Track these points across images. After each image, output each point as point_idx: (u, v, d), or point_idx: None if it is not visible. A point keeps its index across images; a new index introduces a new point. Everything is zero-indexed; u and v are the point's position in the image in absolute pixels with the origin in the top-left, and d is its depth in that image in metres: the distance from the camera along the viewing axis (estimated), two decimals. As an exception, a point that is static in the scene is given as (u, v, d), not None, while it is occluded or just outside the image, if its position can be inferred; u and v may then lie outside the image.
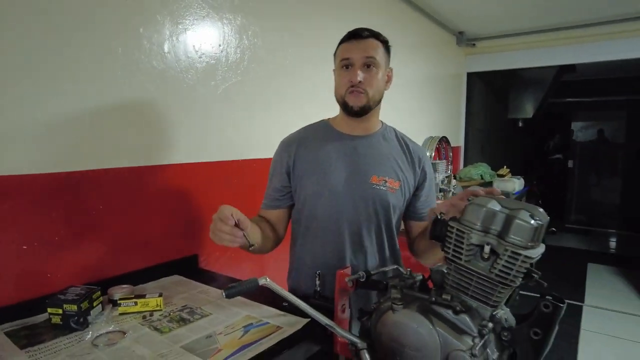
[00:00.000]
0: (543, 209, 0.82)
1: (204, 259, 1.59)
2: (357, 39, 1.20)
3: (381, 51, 1.21)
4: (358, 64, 1.19)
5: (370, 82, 1.20)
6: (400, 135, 1.35)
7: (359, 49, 1.19)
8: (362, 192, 1.23)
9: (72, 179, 1.20)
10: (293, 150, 1.29)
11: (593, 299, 3.88)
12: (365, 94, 1.20)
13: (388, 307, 0.86)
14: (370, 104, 1.22)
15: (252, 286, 0.85)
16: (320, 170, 1.25)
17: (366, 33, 1.21)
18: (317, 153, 1.27)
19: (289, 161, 1.29)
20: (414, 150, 1.32)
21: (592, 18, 3.65)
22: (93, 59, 1.22)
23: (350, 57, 1.19)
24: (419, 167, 1.31)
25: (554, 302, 0.78)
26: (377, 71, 1.20)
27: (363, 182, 1.23)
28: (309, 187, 1.26)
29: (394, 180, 1.25)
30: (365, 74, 1.19)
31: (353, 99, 1.21)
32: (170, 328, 1.04)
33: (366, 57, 1.19)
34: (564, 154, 7.55)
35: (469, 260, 0.82)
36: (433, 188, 1.37)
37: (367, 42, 1.20)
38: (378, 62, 1.20)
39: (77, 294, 1.06)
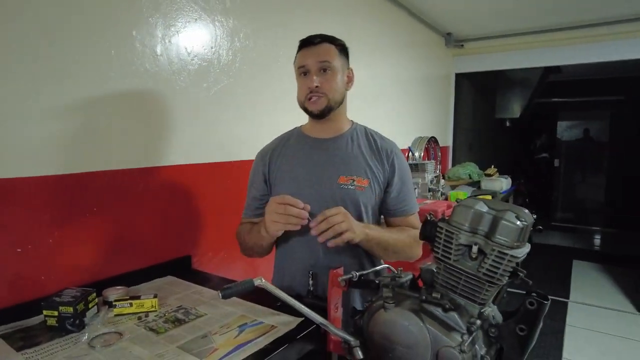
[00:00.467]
0: (529, 209, 0.86)
1: (196, 260, 1.60)
2: (310, 46, 1.24)
3: (336, 54, 1.24)
4: (314, 70, 1.23)
5: (327, 85, 1.23)
6: (370, 133, 1.36)
7: (312, 54, 1.23)
8: (331, 193, 1.25)
9: (66, 182, 1.21)
10: (267, 159, 1.34)
11: (578, 295, 3.97)
12: (325, 97, 1.24)
13: (380, 306, 0.88)
14: (330, 105, 1.25)
15: (247, 287, 0.87)
16: (292, 175, 1.29)
17: (318, 39, 1.24)
18: (288, 159, 1.32)
19: (264, 170, 1.34)
20: (382, 146, 1.32)
21: (576, 21, 3.74)
22: (86, 62, 1.23)
23: (305, 64, 1.23)
24: (387, 162, 1.30)
25: (538, 300, 0.81)
26: (333, 74, 1.23)
27: (331, 183, 1.26)
28: (282, 192, 1.28)
29: (362, 178, 1.26)
30: (322, 78, 1.22)
31: (312, 105, 1.25)
32: (166, 328, 1.05)
33: (320, 62, 1.22)
34: (550, 153, 7.67)
35: (457, 259, 0.85)
36: (408, 184, 1.35)
37: (321, 48, 1.23)
38: (333, 66, 1.23)
39: (72, 295, 1.07)
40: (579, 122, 7.47)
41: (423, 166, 2.78)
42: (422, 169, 2.78)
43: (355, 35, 2.60)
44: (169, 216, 1.52)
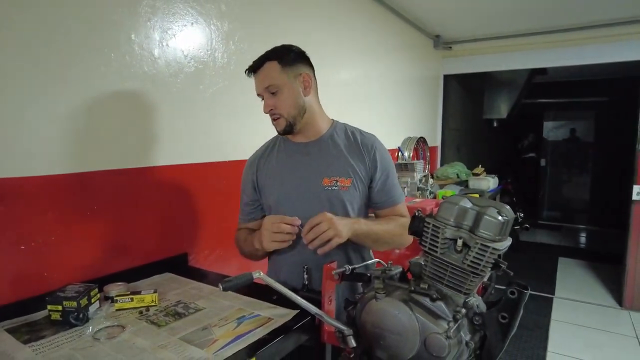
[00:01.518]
0: (516, 208, 0.93)
1: (193, 257, 1.65)
2: (254, 74, 1.30)
3: (277, 71, 1.25)
4: (265, 95, 1.28)
5: (280, 105, 1.27)
6: (350, 130, 1.39)
7: (258, 82, 1.29)
8: (317, 195, 1.30)
9: (68, 181, 1.25)
10: (255, 167, 1.41)
11: (563, 291, 4.08)
12: (281, 117, 1.29)
13: (372, 297, 0.94)
14: (290, 121, 1.29)
15: (247, 280, 0.92)
16: (278, 180, 1.35)
17: (258, 64, 1.28)
18: (274, 165, 1.38)
19: (252, 177, 1.41)
20: (362, 142, 1.35)
21: (562, 25, 3.83)
22: (86, 64, 1.27)
23: (257, 91, 1.30)
24: (368, 157, 1.33)
25: (518, 289, 0.88)
26: (281, 92, 1.26)
27: (315, 185, 1.31)
28: (270, 197, 1.37)
29: (345, 178, 1.30)
30: (273, 100, 1.27)
31: (276, 125, 1.32)
32: (167, 322, 1.10)
33: (265, 88, 1.26)
34: (537, 153, 7.81)
35: (443, 252, 0.91)
36: (391, 175, 1.38)
37: (262, 72, 1.27)
38: (278, 85, 1.25)
39: (75, 291, 1.11)
40: (565, 122, 7.62)
41: (412, 166, 2.85)
42: (412, 168, 2.85)
43: (345, 37, 2.66)
44: (167, 215, 1.56)
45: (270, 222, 1.22)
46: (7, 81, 1.10)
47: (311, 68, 1.34)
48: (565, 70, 5.48)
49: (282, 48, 1.30)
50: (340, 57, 2.56)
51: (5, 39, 1.09)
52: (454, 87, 5.09)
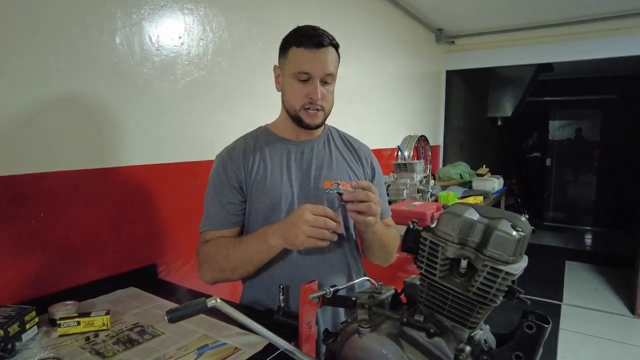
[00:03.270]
0: (521, 209, 0.75)
1: (163, 268, 1.47)
2: (318, 48, 1.08)
3: (337, 61, 1.14)
4: (317, 80, 1.09)
5: (327, 99, 1.14)
6: (345, 136, 1.31)
7: (320, 62, 1.08)
8: (317, 199, 1.15)
9: (7, 184, 1.07)
10: (240, 162, 1.16)
11: (571, 297, 3.89)
12: (322, 110, 1.14)
13: (354, 330, 0.76)
14: (326, 118, 1.18)
15: (199, 308, 0.74)
16: (272, 180, 1.16)
17: (327, 41, 1.09)
18: (264, 163, 1.17)
19: (238, 174, 1.16)
20: (359, 149, 1.29)
21: (569, 17, 3.66)
22: (32, 52, 1.10)
23: (310, 71, 1.08)
24: (367, 165, 1.28)
25: (537, 322, 0.70)
26: (332, 85, 1.14)
27: (315, 188, 1.17)
28: (261, 199, 1.15)
29: (347, 182, 1.20)
30: (324, 90, 1.11)
31: (310, 118, 1.13)
32: (114, 352, 0.93)
33: (327, 74, 1.10)
34: (542, 153, 7.63)
35: (444, 276, 0.73)
36: (383, 187, 1.36)
37: (327, 54, 1.09)
38: (334, 77, 1.13)
39: (5, 315, 0.94)
40: (571, 121, 7.44)
41: (412, 166, 2.67)
42: (411, 169, 2.67)
43: (341, 30, 2.47)
44: (132, 222, 1.38)
45: (309, 211, 0.96)
46: None
47: None
48: (572, 66, 5.30)
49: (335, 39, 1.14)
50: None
51: None
52: (456, 84, 4.91)
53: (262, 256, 1.07)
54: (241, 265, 1.09)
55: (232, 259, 1.08)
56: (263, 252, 1.06)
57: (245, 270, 1.11)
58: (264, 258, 1.08)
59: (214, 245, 1.13)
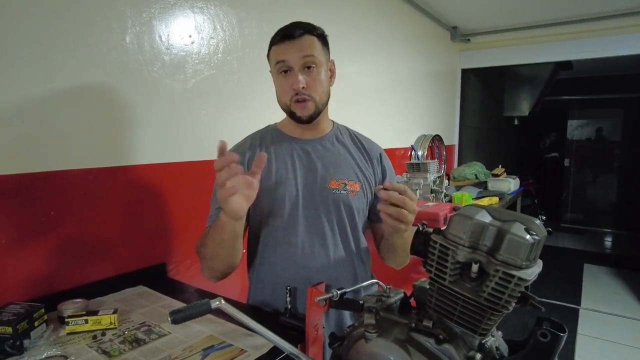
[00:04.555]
0: (538, 210, 0.72)
1: (172, 267, 1.47)
2: (290, 40, 1.06)
3: (319, 47, 1.10)
4: (297, 67, 1.07)
5: (314, 86, 1.08)
6: (355, 135, 1.27)
7: (294, 49, 1.06)
8: (322, 199, 1.13)
9: (19, 183, 1.08)
10: (245, 160, 1.16)
11: (590, 301, 3.79)
12: (312, 100, 1.09)
13: (361, 335, 0.74)
14: (319, 108, 1.12)
15: (203, 309, 0.73)
16: (276, 180, 1.15)
17: (299, 31, 1.07)
18: (269, 162, 1.16)
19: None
20: (370, 148, 1.24)
21: (589, 13, 3.55)
22: (42, 51, 1.10)
23: (286, 59, 1.06)
24: (378, 164, 1.23)
25: (553, 331, 0.67)
26: (318, 71, 1.09)
27: (321, 188, 1.14)
28: (265, 198, 1.14)
29: (354, 182, 1.16)
30: (307, 77, 1.07)
31: (300, 109, 1.10)
32: (120, 351, 0.92)
33: (304, 57, 1.06)
34: (560, 153, 7.47)
35: (454, 280, 0.70)
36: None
37: (301, 42, 1.06)
38: (318, 60, 1.08)
39: (14, 313, 0.94)
40: (591, 120, 7.26)
41: (425, 166, 2.62)
42: (424, 168, 2.62)
43: (354, 28, 2.45)
44: (141, 220, 1.38)
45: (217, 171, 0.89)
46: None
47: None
48: (592, 64, 5.16)
49: (316, 26, 1.12)
50: (348, 49, 2.35)
51: None
52: (472, 82, 4.83)
53: (223, 235, 0.99)
54: (214, 251, 1.04)
55: (208, 245, 1.05)
56: (220, 230, 0.99)
57: (221, 257, 1.05)
58: (225, 238, 1.00)
59: (201, 240, 1.12)
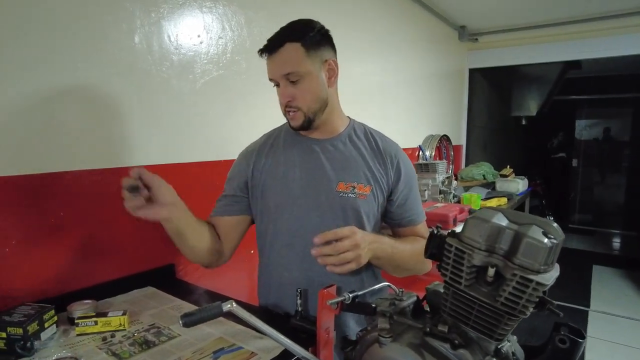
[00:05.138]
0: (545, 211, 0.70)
1: (181, 268, 1.47)
2: (270, 55, 1.05)
3: (300, 56, 1.03)
4: (282, 83, 1.06)
5: (300, 98, 1.06)
6: (371, 133, 1.21)
7: (275, 65, 1.05)
8: (329, 202, 1.11)
9: (28, 183, 1.08)
10: (252, 160, 1.18)
11: (599, 303, 3.75)
12: (300, 111, 1.07)
13: (374, 339, 0.73)
14: (309, 117, 1.08)
15: (214, 313, 0.72)
16: (282, 179, 1.14)
17: (277, 43, 1.04)
18: (277, 161, 1.16)
19: (246, 172, 1.18)
20: (384, 149, 1.17)
21: (598, 12, 3.51)
22: (50, 50, 1.09)
23: (270, 76, 1.07)
24: (391, 166, 1.16)
25: (572, 337, 0.65)
26: (304, 81, 1.05)
27: (329, 190, 1.11)
28: (271, 198, 1.14)
29: (364, 185, 1.12)
30: (293, 90, 1.05)
31: (290, 119, 1.10)
32: (130, 353, 0.92)
33: (284, 75, 1.04)
34: (567, 153, 7.40)
35: (469, 284, 0.69)
36: (414, 191, 1.21)
37: (281, 55, 1.03)
38: (301, 72, 1.04)
39: (25, 314, 0.94)
40: (599, 120, 7.18)
41: (434, 166, 2.60)
42: (433, 169, 2.60)
43: (361, 26, 2.44)
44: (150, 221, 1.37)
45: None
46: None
47: (335, 51, 1.12)
48: (601, 63, 5.10)
49: (304, 26, 1.06)
50: (356, 48, 2.33)
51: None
52: (480, 82, 4.79)
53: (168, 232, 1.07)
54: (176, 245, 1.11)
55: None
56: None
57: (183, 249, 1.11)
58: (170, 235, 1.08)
59: None
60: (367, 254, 1.00)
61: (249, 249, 1.70)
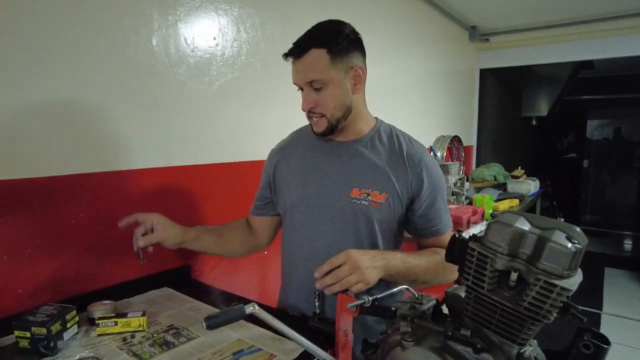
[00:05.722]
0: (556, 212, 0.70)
1: (197, 269, 1.48)
2: (294, 60, 1.04)
3: (325, 63, 1.01)
4: (306, 89, 1.05)
5: (323, 104, 1.05)
6: (397, 136, 1.16)
7: (298, 72, 1.04)
8: (341, 207, 1.09)
9: (47, 185, 1.09)
10: (275, 160, 1.22)
11: (611, 306, 3.71)
12: (323, 117, 1.06)
13: (396, 342, 0.73)
14: (332, 123, 1.07)
15: (237, 315, 0.73)
16: (299, 180, 1.15)
17: (302, 48, 1.02)
18: (297, 161, 1.18)
19: (270, 171, 1.23)
20: (408, 154, 1.11)
21: (609, 12, 3.47)
22: (70, 52, 1.11)
23: (294, 81, 1.07)
24: (413, 173, 1.10)
25: (596, 342, 0.65)
26: (327, 89, 1.03)
27: (342, 195, 1.09)
28: (288, 197, 1.17)
29: (379, 192, 1.08)
30: (316, 97, 1.04)
31: (314, 126, 1.10)
32: (151, 354, 0.93)
33: (308, 82, 1.03)
34: (578, 153, 7.33)
35: (492, 289, 0.69)
36: (439, 200, 1.13)
37: (306, 61, 1.02)
38: (324, 80, 1.02)
39: (48, 314, 0.96)
40: (612, 120, 7.10)
41: (446, 168, 2.59)
42: (445, 170, 2.59)
43: (373, 27, 2.44)
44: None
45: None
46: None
47: (364, 56, 1.10)
48: (613, 63, 5.04)
49: (332, 30, 1.03)
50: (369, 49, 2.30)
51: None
52: (490, 82, 4.77)
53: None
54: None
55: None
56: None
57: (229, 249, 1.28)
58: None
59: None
60: (373, 271, 0.96)
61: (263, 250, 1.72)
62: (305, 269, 1.14)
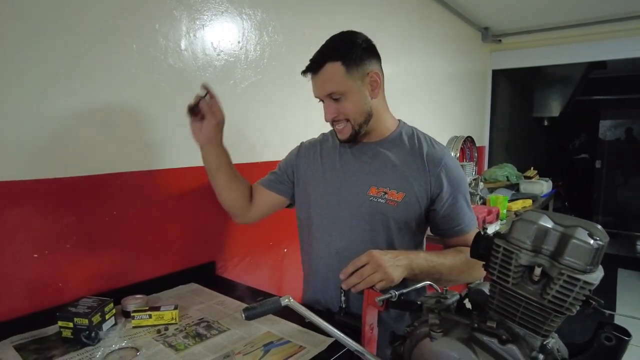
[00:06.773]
0: (568, 213, 0.73)
1: (221, 265, 1.53)
2: (313, 76, 1.11)
3: (340, 75, 1.06)
4: (326, 100, 1.12)
5: (344, 112, 1.10)
6: (418, 137, 1.18)
7: (317, 86, 1.11)
8: (358, 204, 1.13)
9: (84, 184, 1.15)
10: (302, 153, 1.30)
11: (625, 307, 3.70)
12: (347, 122, 1.12)
13: (425, 334, 0.77)
14: (357, 128, 1.12)
15: (274, 307, 0.77)
16: (321, 177, 1.21)
17: (317, 64, 1.08)
18: (322, 160, 1.24)
19: (294, 161, 1.30)
20: (428, 155, 1.13)
21: (622, 12, 3.46)
22: (105, 57, 1.16)
23: (315, 94, 1.13)
24: (433, 175, 1.11)
25: (618, 335, 0.68)
26: (346, 98, 1.08)
27: (360, 193, 1.14)
28: (310, 193, 1.23)
29: (396, 191, 1.11)
30: (337, 106, 1.10)
31: (339, 133, 1.15)
32: (185, 345, 0.98)
33: (326, 95, 1.10)
34: (590, 154, 7.28)
35: (516, 283, 0.73)
36: (460, 200, 1.15)
37: (322, 75, 1.08)
38: (342, 91, 1.07)
39: (88, 306, 1.01)
40: (625, 120, 7.04)
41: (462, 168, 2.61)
42: (459, 171, 2.62)
43: (386, 29, 2.47)
44: (194, 220, 1.44)
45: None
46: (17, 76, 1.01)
47: (379, 61, 1.15)
48: (626, 63, 5.00)
49: (345, 44, 1.08)
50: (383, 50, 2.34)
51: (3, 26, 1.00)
52: (502, 83, 4.77)
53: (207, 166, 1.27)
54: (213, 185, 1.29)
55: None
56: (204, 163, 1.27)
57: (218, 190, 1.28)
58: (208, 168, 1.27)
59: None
60: (396, 269, 0.98)
61: (283, 247, 1.77)
62: (324, 263, 1.18)
